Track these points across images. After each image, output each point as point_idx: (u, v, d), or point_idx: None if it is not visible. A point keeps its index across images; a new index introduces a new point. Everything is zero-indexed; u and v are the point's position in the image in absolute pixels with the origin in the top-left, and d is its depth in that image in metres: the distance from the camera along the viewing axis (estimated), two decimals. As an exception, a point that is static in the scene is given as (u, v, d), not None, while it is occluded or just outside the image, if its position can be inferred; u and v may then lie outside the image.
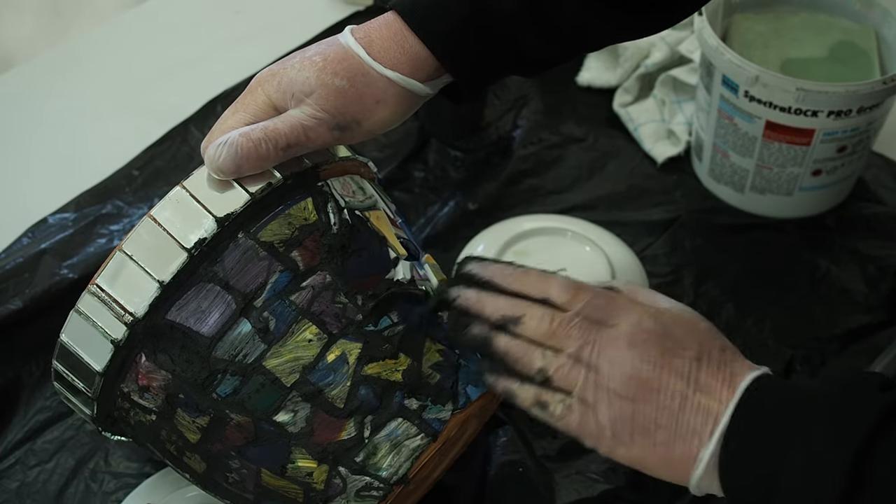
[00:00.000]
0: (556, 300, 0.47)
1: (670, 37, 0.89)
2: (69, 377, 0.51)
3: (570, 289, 0.47)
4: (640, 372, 0.45)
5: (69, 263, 0.75)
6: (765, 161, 0.77)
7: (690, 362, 0.45)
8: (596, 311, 0.46)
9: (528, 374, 0.47)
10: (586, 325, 0.46)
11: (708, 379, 0.45)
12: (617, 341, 0.45)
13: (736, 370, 0.45)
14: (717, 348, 0.46)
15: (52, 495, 0.64)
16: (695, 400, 0.44)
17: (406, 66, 0.52)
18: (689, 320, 0.47)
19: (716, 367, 0.45)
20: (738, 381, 0.45)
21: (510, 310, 0.47)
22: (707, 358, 0.45)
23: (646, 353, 0.45)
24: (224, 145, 0.48)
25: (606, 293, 0.48)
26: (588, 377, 0.45)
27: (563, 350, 0.46)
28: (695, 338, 0.46)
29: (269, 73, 0.52)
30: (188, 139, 0.87)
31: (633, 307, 0.47)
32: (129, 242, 0.48)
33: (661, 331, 0.46)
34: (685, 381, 0.45)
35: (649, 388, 0.45)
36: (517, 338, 0.47)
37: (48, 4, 1.73)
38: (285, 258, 0.49)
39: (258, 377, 0.49)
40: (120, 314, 0.48)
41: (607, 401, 0.45)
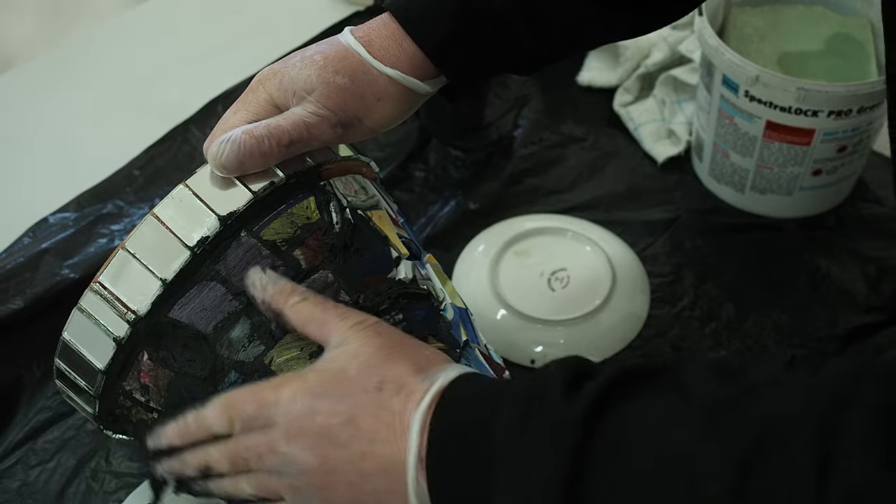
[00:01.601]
0: (220, 431, 0.45)
1: (671, 37, 0.89)
2: (71, 375, 0.51)
3: (222, 414, 0.45)
4: (308, 463, 0.43)
5: (70, 263, 0.75)
6: (765, 161, 0.77)
7: (345, 427, 0.42)
8: (251, 422, 0.44)
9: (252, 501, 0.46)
10: (250, 440, 0.44)
11: (374, 433, 0.42)
12: (278, 443, 0.43)
13: (400, 407, 0.42)
14: (372, 391, 0.43)
15: (53, 495, 0.64)
16: (371, 463, 0.42)
17: (405, 64, 0.52)
18: (337, 373, 0.44)
19: (373, 417, 0.42)
20: (405, 420, 0.42)
21: (195, 463, 0.46)
22: (362, 412, 0.43)
23: (304, 441, 0.43)
24: (227, 142, 0.48)
25: (255, 392, 0.45)
26: (282, 483, 0.44)
27: (254, 469, 0.45)
28: (344, 394, 0.43)
29: (270, 72, 0.52)
30: (189, 139, 0.87)
31: (279, 395, 0.44)
32: (131, 240, 0.48)
33: (310, 407, 0.43)
34: (350, 449, 0.42)
35: (326, 473, 0.43)
36: (223, 478, 0.46)
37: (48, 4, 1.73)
38: (288, 257, 0.49)
39: (260, 375, 0.49)
40: (122, 312, 0.48)
41: (309, 497, 0.44)
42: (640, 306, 0.74)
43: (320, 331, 0.46)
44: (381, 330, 0.46)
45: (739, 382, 0.38)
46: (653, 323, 0.73)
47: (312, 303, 0.47)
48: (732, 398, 0.37)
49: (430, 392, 0.42)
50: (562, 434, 0.38)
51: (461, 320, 0.55)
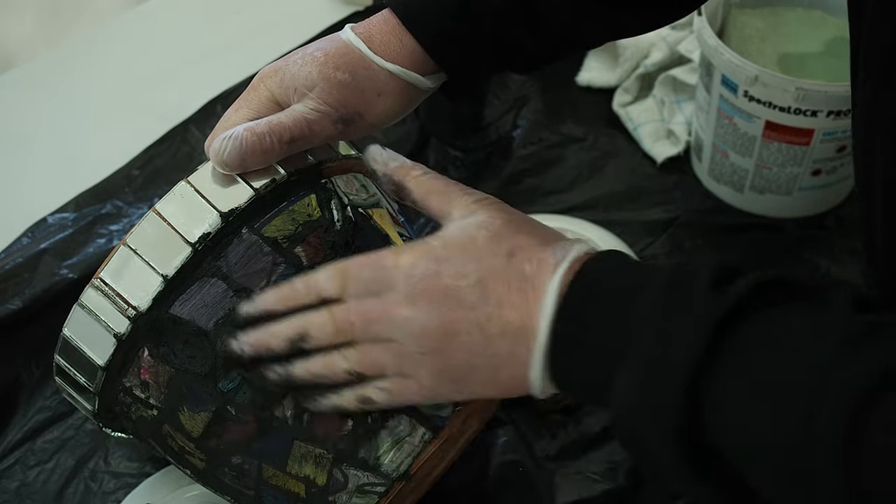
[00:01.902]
0: (330, 294, 0.44)
1: (670, 37, 0.89)
2: (71, 372, 0.51)
3: (336, 276, 0.44)
4: (429, 324, 0.42)
5: (69, 263, 0.75)
6: (764, 161, 0.77)
7: (473, 289, 0.42)
8: (367, 285, 0.44)
9: (341, 382, 0.45)
10: (364, 306, 0.43)
11: (502, 297, 0.41)
12: (396, 306, 0.43)
13: (533, 273, 0.41)
14: (503, 257, 0.42)
15: (51, 495, 0.64)
16: (496, 326, 0.41)
17: (406, 59, 0.52)
18: (465, 239, 0.43)
19: (503, 280, 0.41)
20: (539, 286, 0.41)
21: (290, 331, 0.45)
22: (492, 275, 0.42)
23: (427, 303, 0.42)
24: (229, 139, 0.48)
25: (373, 258, 0.44)
26: (391, 353, 0.43)
27: (357, 340, 0.44)
28: (473, 258, 0.42)
29: (271, 70, 0.52)
30: (188, 139, 0.87)
31: (400, 259, 0.43)
32: (133, 236, 0.48)
33: (435, 269, 0.42)
34: (476, 311, 0.42)
35: (446, 334, 0.42)
36: (312, 356, 0.45)
37: (48, 4, 1.72)
38: (289, 254, 0.49)
39: (261, 373, 0.49)
40: (123, 308, 0.48)
41: (418, 365, 0.43)
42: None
43: (442, 202, 0.46)
44: (506, 207, 0.45)
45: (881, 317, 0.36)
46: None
47: (434, 176, 0.47)
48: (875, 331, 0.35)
49: (565, 261, 0.41)
50: (701, 327, 0.37)
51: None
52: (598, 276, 0.41)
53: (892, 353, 0.34)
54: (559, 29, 0.55)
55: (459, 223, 0.44)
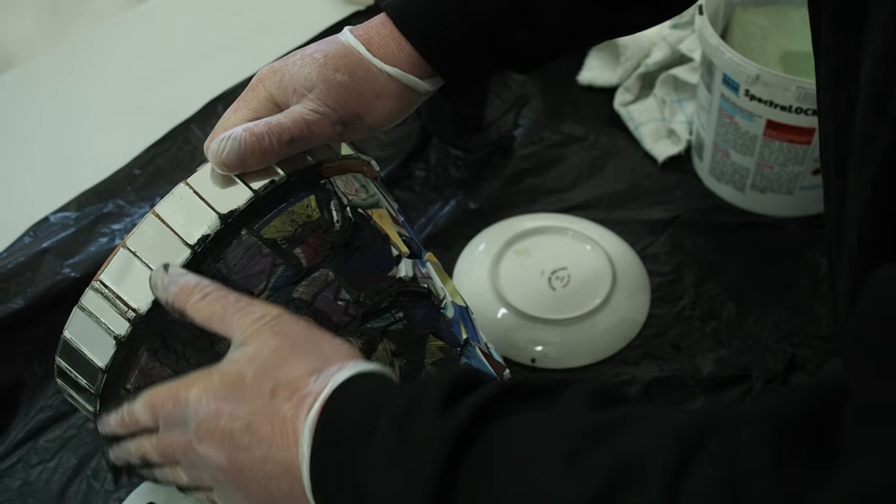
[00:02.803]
0: (149, 425, 0.47)
1: (671, 36, 0.89)
2: (72, 374, 0.51)
3: (148, 410, 0.47)
4: (219, 463, 0.44)
5: (71, 262, 0.75)
6: (765, 160, 0.77)
7: (245, 432, 0.43)
8: (170, 417, 0.46)
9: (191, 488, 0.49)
10: (171, 438, 0.46)
11: (270, 438, 0.42)
12: (192, 444, 0.45)
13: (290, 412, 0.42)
14: (266, 397, 0.43)
15: (54, 494, 0.64)
16: (272, 466, 0.42)
17: (404, 62, 0.52)
18: (236, 378, 0.44)
19: (268, 422, 0.42)
20: (297, 427, 0.42)
21: (135, 453, 0.48)
22: (258, 418, 0.43)
23: (212, 443, 0.44)
24: (228, 140, 0.48)
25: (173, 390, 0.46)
26: (207, 477, 0.46)
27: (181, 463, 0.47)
28: (243, 399, 0.43)
29: (270, 70, 0.52)
30: (189, 138, 0.87)
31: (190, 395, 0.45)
32: (132, 239, 0.48)
33: (214, 410, 0.44)
34: (252, 452, 0.43)
35: (235, 472, 0.44)
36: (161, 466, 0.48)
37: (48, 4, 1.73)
38: (288, 255, 0.49)
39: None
40: (123, 310, 0.48)
41: (226, 493, 0.45)
42: (640, 306, 0.74)
43: (223, 328, 0.46)
44: (280, 327, 0.45)
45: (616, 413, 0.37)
46: (653, 322, 0.73)
47: (213, 299, 0.47)
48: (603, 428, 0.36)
49: (319, 397, 0.42)
50: (429, 454, 0.38)
51: (462, 319, 0.55)
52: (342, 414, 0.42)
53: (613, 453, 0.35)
54: (556, 28, 0.55)
55: (235, 354, 0.45)
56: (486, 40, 0.54)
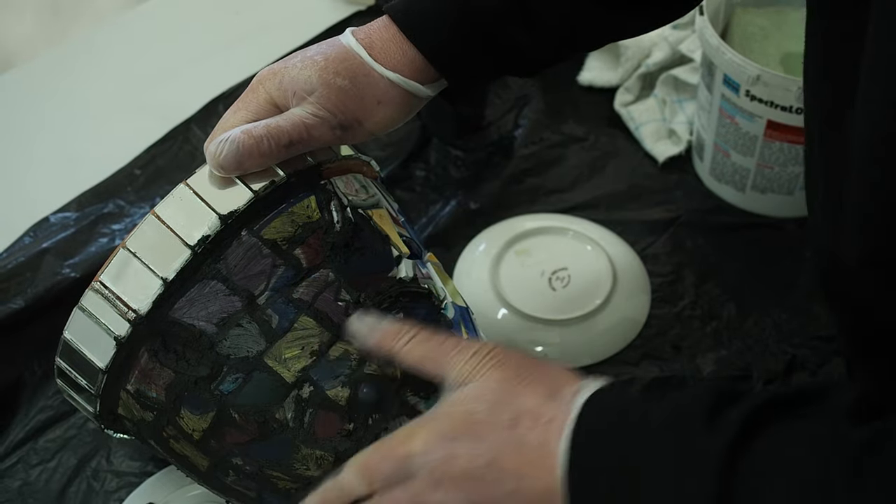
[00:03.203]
0: (361, 494, 0.45)
1: (672, 36, 0.89)
2: (72, 374, 0.51)
3: (360, 477, 0.44)
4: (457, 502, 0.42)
5: (71, 263, 0.75)
6: (766, 160, 0.77)
7: (488, 468, 0.41)
8: (390, 478, 0.43)
9: None
10: (395, 499, 0.43)
11: (519, 470, 0.41)
12: (424, 493, 0.42)
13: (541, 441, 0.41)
14: (506, 429, 0.42)
15: (54, 494, 0.64)
16: (522, 497, 0.41)
17: (406, 68, 0.52)
18: (464, 417, 0.43)
19: (515, 454, 0.41)
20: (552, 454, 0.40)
21: None
22: (501, 452, 0.41)
23: (451, 485, 0.42)
24: (226, 142, 0.48)
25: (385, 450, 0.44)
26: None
27: None
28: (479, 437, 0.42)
29: (270, 72, 0.52)
30: (190, 138, 0.87)
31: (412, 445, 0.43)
32: (132, 239, 0.48)
33: (449, 453, 0.42)
34: (501, 487, 0.41)
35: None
36: None
37: (48, 4, 1.72)
38: (288, 256, 0.49)
39: (261, 374, 0.49)
40: (123, 311, 0.48)
41: None
42: (640, 306, 0.74)
43: (437, 368, 0.45)
44: (500, 360, 0.44)
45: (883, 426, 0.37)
46: (653, 322, 0.73)
47: (423, 339, 0.46)
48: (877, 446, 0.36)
49: (567, 421, 0.41)
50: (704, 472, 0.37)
51: (462, 319, 0.55)
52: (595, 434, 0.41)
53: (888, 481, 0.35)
54: (558, 31, 0.55)
55: (457, 395, 0.44)
56: (487, 42, 0.53)
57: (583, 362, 0.71)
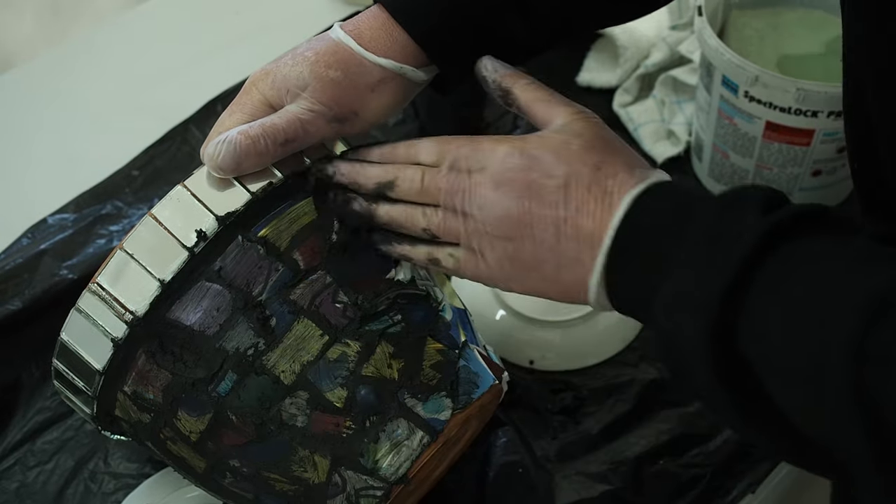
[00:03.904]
0: (426, 161, 0.48)
1: (670, 37, 0.89)
2: (69, 376, 0.51)
3: (436, 146, 0.48)
4: (508, 211, 0.45)
5: (69, 264, 0.75)
6: (765, 161, 0.77)
7: (558, 190, 0.45)
8: (462, 160, 0.47)
9: (416, 235, 0.49)
10: (454, 176, 0.47)
11: (581, 203, 0.45)
12: (483, 185, 0.46)
13: (613, 187, 0.45)
14: (590, 167, 0.45)
15: (51, 496, 0.64)
16: (569, 228, 0.45)
17: (397, 53, 0.52)
18: (561, 143, 0.46)
19: (586, 188, 0.45)
20: (616, 200, 0.44)
21: (381, 174, 0.49)
22: (576, 181, 0.45)
23: (511, 190, 0.45)
24: (223, 143, 0.48)
25: (473, 139, 0.48)
26: (467, 226, 0.47)
27: (439, 205, 0.48)
28: (563, 162, 0.45)
29: (262, 73, 0.52)
30: (188, 139, 0.87)
31: (497, 147, 0.47)
32: (129, 241, 0.48)
33: (527, 164, 0.46)
34: (556, 210, 0.45)
35: (522, 224, 0.45)
36: (396, 203, 0.49)
37: (48, 4, 1.73)
38: (286, 257, 0.49)
39: (258, 376, 0.49)
40: (120, 313, 0.48)
41: (489, 244, 0.47)
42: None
43: (546, 110, 0.49)
44: (602, 124, 0.49)
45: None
46: (652, 324, 0.73)
47: (539, 86, 0.50)
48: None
49: (642, 183, 0.44)
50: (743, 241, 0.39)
51: (460, 321, 0.55)
52: (663, 200, 0.44)
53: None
54: (551, 14, 0.55)
55: (558, 128, 0.47)
56: (482, 27, 0.53)
57: (581, 364, 0.71)
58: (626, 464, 0.65)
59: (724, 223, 0.41)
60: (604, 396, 0.69)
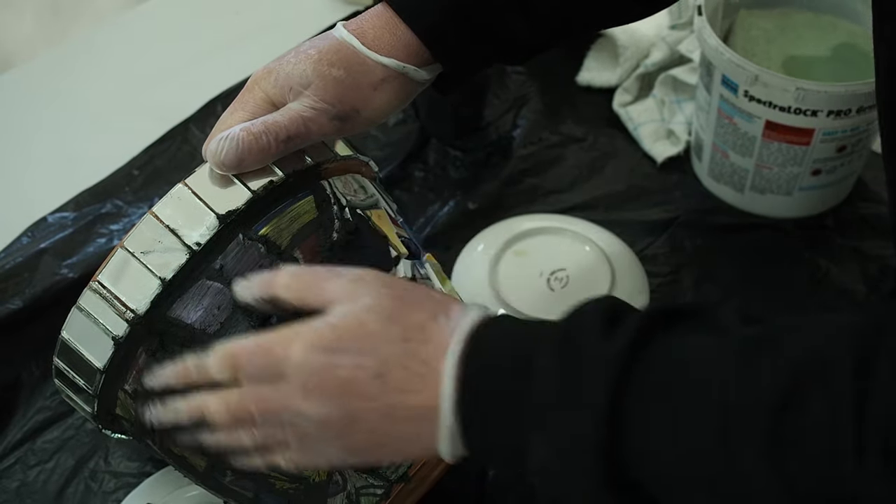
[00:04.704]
0: (221, 379, 0.44)
1: (670, 36, 0.89)
2: (70, 374, 0.51)
3: (227, 363, 0.44)
4: (329, 416, 0.42)
5: (69, 263, 0.75)
6: (764, 161, 0.77)
7: (372, 381, 0.41)
8: (260, 373, 0.43)
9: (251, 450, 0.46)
10: (258, 394, 0.43)
11: (402, 383, 0.41)
12: (292, 397, 0.42)
13: (429, 355, 0.41)
14: (397, 342, 0.42)
15: (51, 495, 0.64)
16: (400, 412, 0.42)
17: (400, 52, 0.52)
18: (356, 326, 0.42)
19: (402, 367, 0.41)
20: (436, 366, 0.41)
21: (189, 412, 0.45)
22: (390, 365, 0.42)
23: (323, 395, 0.42)
24: (225, 140, 0.48)
25: (261, 345, 0.44)
26: (293, 434, 0.44)
27: (258, 423, 0.44)
28: (368, 348, 0.42)
29: (264, 71, 0.52)
30: (188, 139, 0.87)
31: (291, 349, 0.42)
32: (130, 239, 0.48)
33: (328, 362, 0.42)
34: (378, 401, 0.42)
35: (348, 423, 0.42)
36: (218, 430, 0.45)
37: (48, 4, 1.72)
38: (287, 256, 0.49)
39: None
40: (121, 311, 0.48)
41: (323, 446, 0.43)
42: (639, 306, 0.74)
43: (319, 295, 0.44)
44: (386, 280, 0.45)
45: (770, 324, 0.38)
46: (652, 323, 0.73)
47: (298, 274, 0.46)
48: (768, 337, 0.37)
49: (457, 337, 0.41)
50: (601, 372, 0.38)
51: (460, 320, 0.55)
52: (491, 347, 0.41)
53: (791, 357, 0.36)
54: (552, 14, 0.55)
55: (345, 308, 0.43)
56: (484, 26, 0.53)
57: (581, 363, 0.71)
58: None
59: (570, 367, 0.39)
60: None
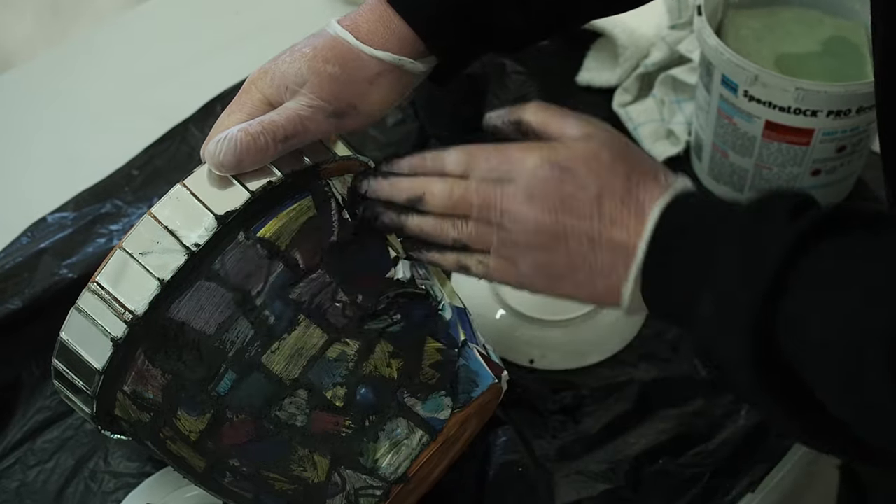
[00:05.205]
0: (454, 172, 0.49)
1: (670, 36, 0.89)
2: (69, 375, 0.51)
3: (463, 157, 0.48)
4: (542, 224, 0.46)
5: (68, 263, 0.75)
6: (764, 161, 0.77)
7: (591, 202, 0.46)
8: (491, 171, 0.48)
9: (446, 245, 0.50)
10: (484, 189, 0.47)
11: (614, 214, 0.45)
12: (515, 198, 0.47)
13: (644, 197, 0.45)
14: (622, 178, 0.46)
15: (51, 495, 0.64)
16: (604, 238, 0.45)
17: (395, 45, 0.52)
18: (590, 154, 0.47)
19: (619, 200, 0.46)
20: (646, 210, 0.45)
21: (410, 189, 0.49)
22: (609, 193, 0.46)
23: (544, 203, 0.46)
24: (224, 141, 0.48)
25: (500, 148, 0.48)
26: (499, 236, 0.47)
27: (470, 216, 0.48)
28: (595, 174, 0.46)
29: (261, 72, 0.52)
30: (188, 139, 0.87)
31: (527, 157, 0.47)
32: (129, 240, 0.48)
33: (558, 175, 0.46)
34: (590, 222, 0.46)
35: (556, 236, 0.46)
36: (426, 215, 0.49)
37: (48, 4, 1.73)
38: (285, 256, 0.49)
39: (257, 375, 0.49)
40: (120, 312, 0.48)
41: (522, 254, 0.47)
42: (639, 306, 0.74)
43: (561, 122, 0.49)
44: (617, 131, 0.49)
45: None
46: (652, 323, 0.73)
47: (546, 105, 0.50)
48: None
49: (670, 191, 0.45)
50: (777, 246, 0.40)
51: (459, 320, 0.55)
52: (692, 207, 0.45)
53: None
54: (547, 5, 0.55)
55: (582, 138, 0.48)
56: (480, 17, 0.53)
57: (581, 363, 0.71)
58: (626, 463, 0.65)
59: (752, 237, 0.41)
60: (603, 396, 0.69)
